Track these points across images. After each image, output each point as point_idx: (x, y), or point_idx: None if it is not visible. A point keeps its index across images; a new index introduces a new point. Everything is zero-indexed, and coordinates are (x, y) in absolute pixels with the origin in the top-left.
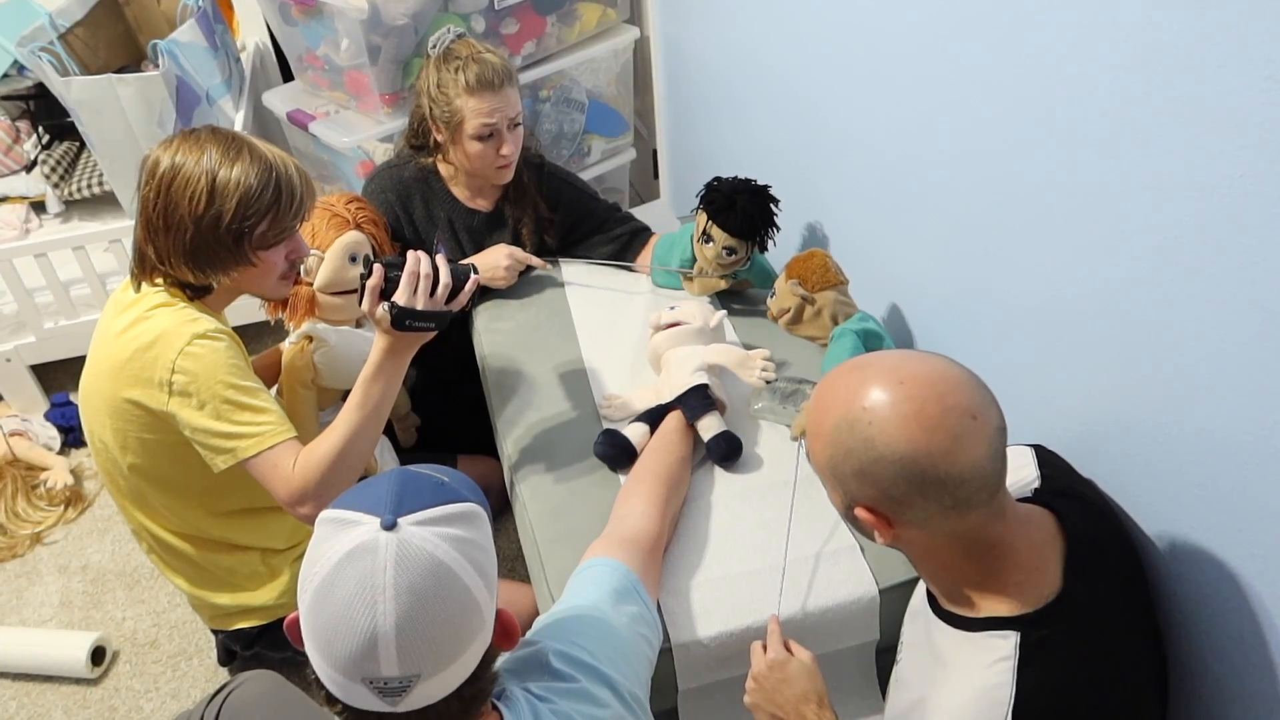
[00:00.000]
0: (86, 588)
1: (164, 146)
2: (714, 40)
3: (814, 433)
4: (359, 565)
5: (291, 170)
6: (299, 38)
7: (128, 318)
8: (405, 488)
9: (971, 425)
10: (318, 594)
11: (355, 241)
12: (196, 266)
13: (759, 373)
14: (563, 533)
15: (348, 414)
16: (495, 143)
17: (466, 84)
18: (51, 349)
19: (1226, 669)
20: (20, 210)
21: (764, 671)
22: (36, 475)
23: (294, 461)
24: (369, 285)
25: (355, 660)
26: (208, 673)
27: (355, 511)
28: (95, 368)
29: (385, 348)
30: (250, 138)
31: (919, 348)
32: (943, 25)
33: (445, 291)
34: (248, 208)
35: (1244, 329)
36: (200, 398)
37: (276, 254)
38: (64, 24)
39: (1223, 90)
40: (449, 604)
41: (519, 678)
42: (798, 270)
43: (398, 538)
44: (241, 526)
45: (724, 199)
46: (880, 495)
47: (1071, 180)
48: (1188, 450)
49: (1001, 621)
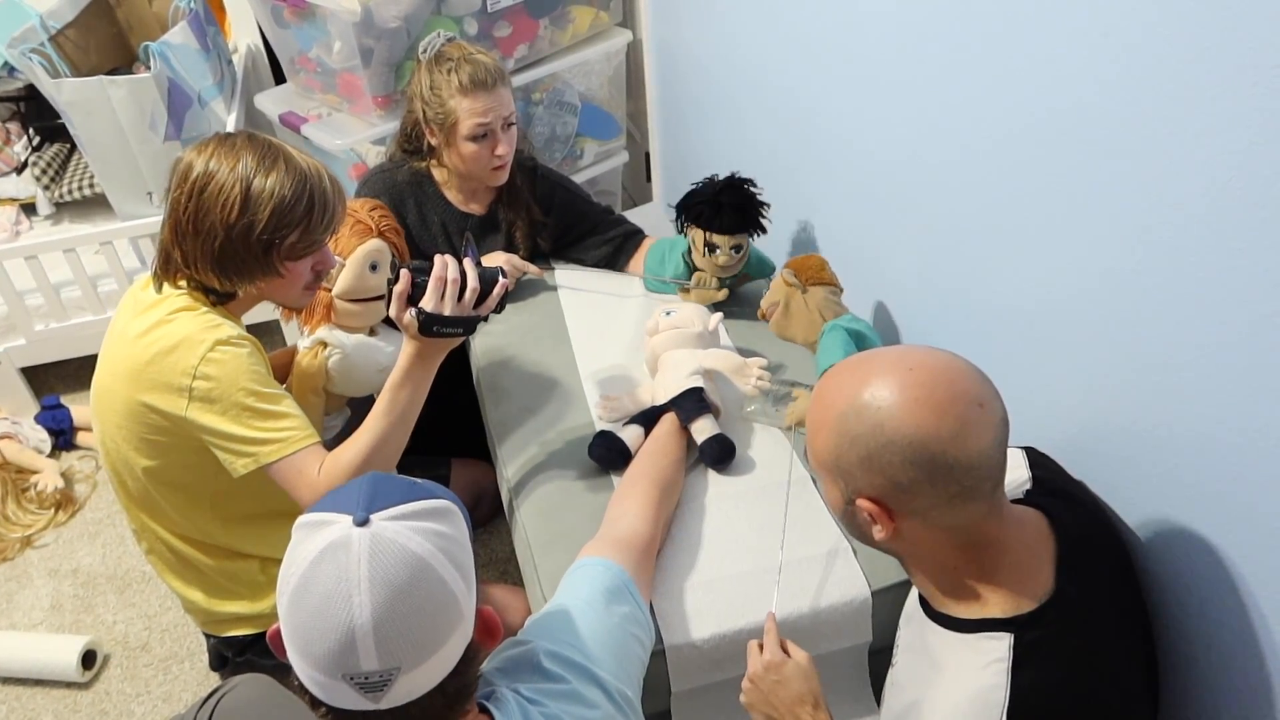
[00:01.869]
0: (77, 591)
1: (198, 150)
2: (706, 43)
3: (817, 424)
4: (333, 562)
5: (325, 182)
6: (291, 40)
7: (148, 320)
8: (377, 488)
9: (979, 413)
10: (295, 595)
11: (376, 249)
12: (223, 273)
13: (754, 380)
14: (556, 535)
15: (374, 420)
16: (490, 143)
17: (460, 84)
18: (42, 351)
19: (1215, 660)
20: (10, 212)
21: (760, 672)
22: (26, 478)
23: (319, 467)
24: (396, 291)
25: (335, 656)
26: (199, 676)
27: (329, 512)
28: (111, 368)
29: (413, 353)
30: (286, 146)
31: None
32: (934, 28)
33: (474, 296)
34: (280, 219)
35: (1233, 329)
36: (222, 404)
37: (304, 265)
38: (55, 25)
39: (1212, 94)
40: (425, 595)
41: (509, 678)
42: (795, 265)
43: (370, 532)
44: (249, 533)
45: (709, 206)
46: (886, 483)
47: (1062, 184)
48: (1177, 450)
49: (995, 623)
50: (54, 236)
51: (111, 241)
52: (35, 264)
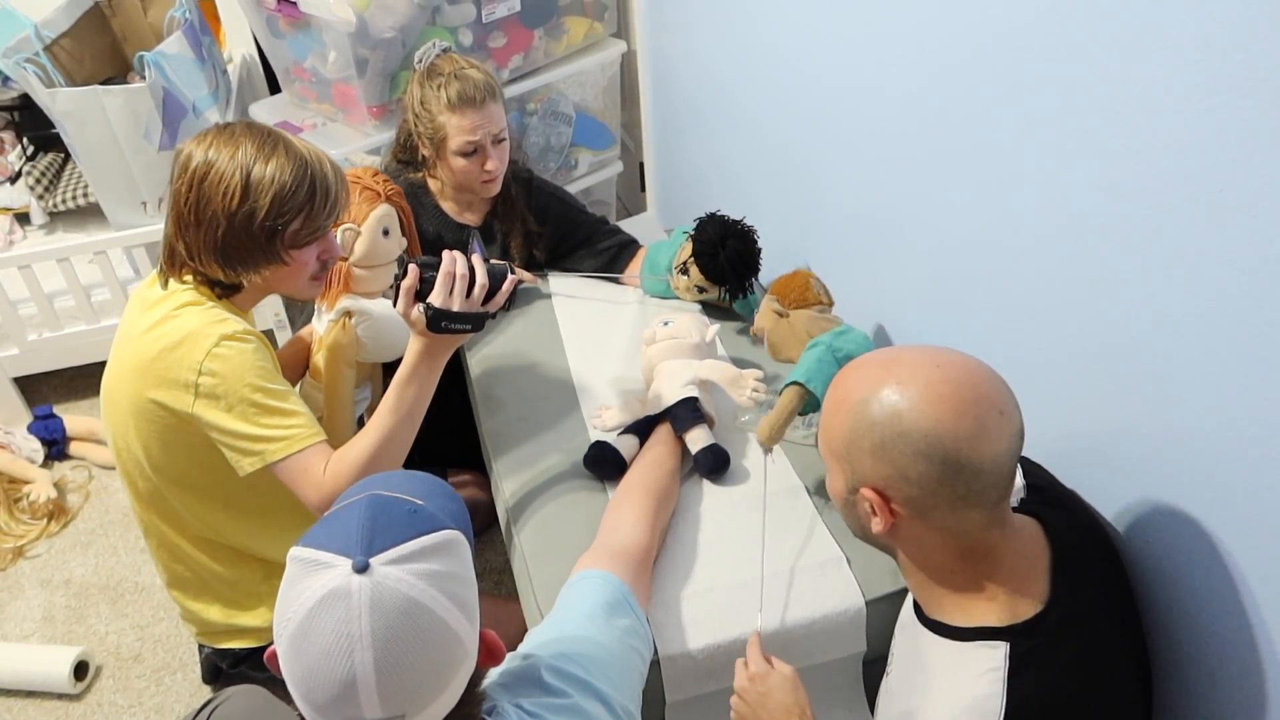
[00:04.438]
0: (69, 602)
1: (198, 141)
2: (701, 54)
3: (834, 409)
4: (333, 613)
5: (327, 168)
6: (286, 50)
7: (154, 315)
8: (376, 522)
9: (999, 419)
10: (294, 641)
11: (387, 214)
12: (227, 264)
13: (750, 393)
14: (551, 546)
15: (381, 417)
16: (479, 158)
17: (448, 101)
18: (35, 361)
19: (1210, 667)
20: (4, 221)
21: (746, 686)
22: (19, 488)
23: (324, 465)
24: (404, 286)
25: (337, 706)
26: (192, 687)
27: (325, 551)
28: (119, 366)
29: (420, 350)
30: (286, 134)
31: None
32: (931, 40)
33: (482, 292)
34: (282, 205)
35: (1228, 334)
36: (228, 400)
37: (309, 253)
38: (50, 35)
39: (1209, 103)
40: (428, 644)
41: (511, 693)
42: (778, 288)
43: (371, 581)
44: (261, 531)
45: (711, 244)
46: (893, 474)
47: (1055, 185)
48: (1172, 454)
49: (991, 632)
50: (48, 246)
51: (105, 251)
52: (29, 273)
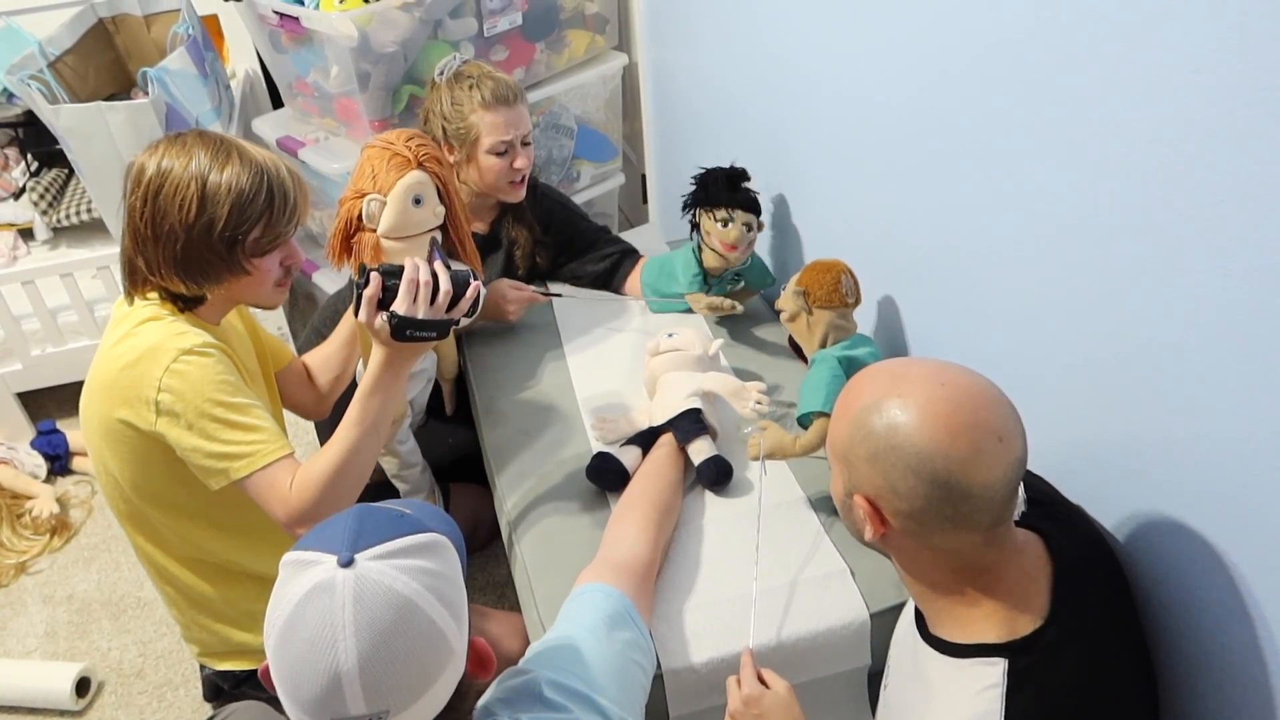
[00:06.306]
0: (71, 618)
1: (149, 152)
2: (702, 66)
3: (841, 414)
4: (318, 605)
5: (283, 172)
6: (289, 65)
7: (118, 333)
8: (363, 524)
9: (996, 446)
10: (281, 638)
11: (418, 181)
12: (188, 277)
13: (753, 405)
14: (553, 560)
15: (345, 430)
16: (509, 158)
17: (483, 99)
18: (38, 376)
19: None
20: (8, 237)
21: (739, 709)
22: (22, 504)
23: (290, 481)
24: (366, 295)
25: (322, 701)
26: (194, 704)
27: (314, 551)
28: (89, 386)
29: (383, 360)
30: (238, 140)
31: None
32: (931, 50)
33: (446, 299)
34: (241, 213)
35: (1229, 344)
36: (187, 417)
37: (271, 260)
38: (53, 52)
39: (1206, 113)
40: (412, 637)
41: (511, 708)
42: (808, 280)
43: (355, 573)
44: (248, 546)
45: (721, 185)
46: (884, 486)
47: (1055, 196)
48: (1177, 464)
49: (989, 649)
50: (51, 261)
51: (109, 266)
52: (32, 289)
